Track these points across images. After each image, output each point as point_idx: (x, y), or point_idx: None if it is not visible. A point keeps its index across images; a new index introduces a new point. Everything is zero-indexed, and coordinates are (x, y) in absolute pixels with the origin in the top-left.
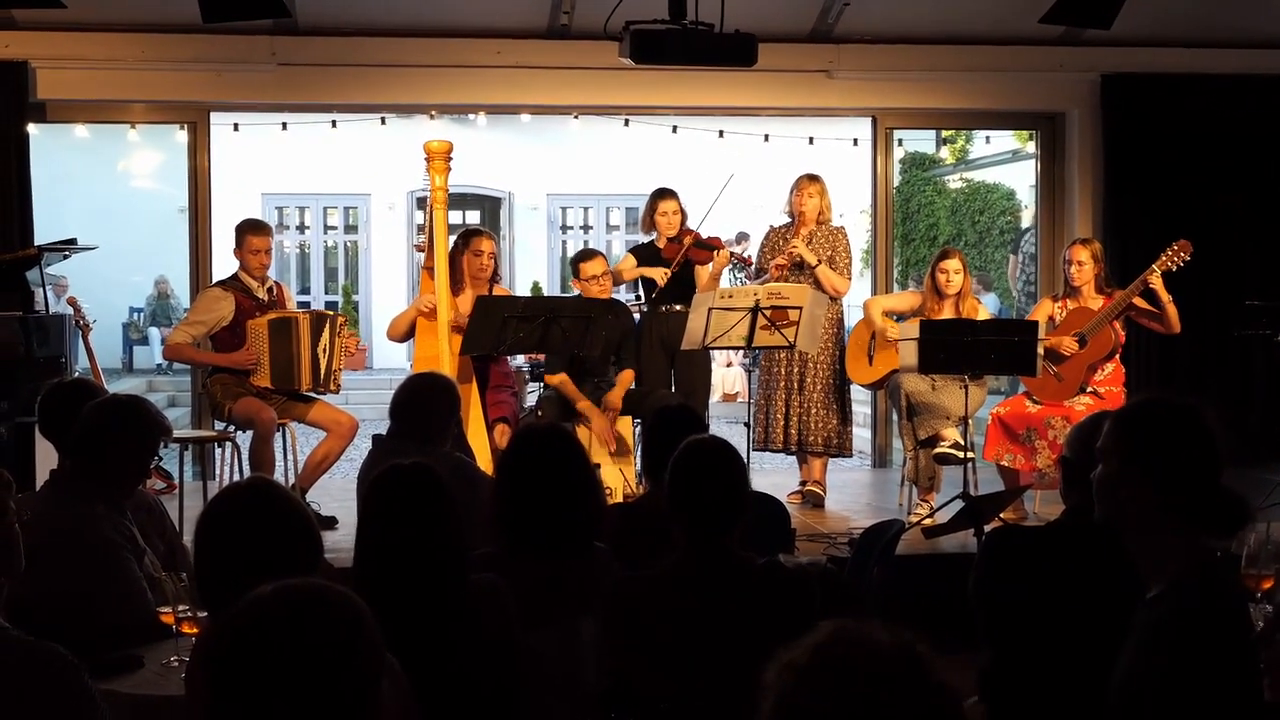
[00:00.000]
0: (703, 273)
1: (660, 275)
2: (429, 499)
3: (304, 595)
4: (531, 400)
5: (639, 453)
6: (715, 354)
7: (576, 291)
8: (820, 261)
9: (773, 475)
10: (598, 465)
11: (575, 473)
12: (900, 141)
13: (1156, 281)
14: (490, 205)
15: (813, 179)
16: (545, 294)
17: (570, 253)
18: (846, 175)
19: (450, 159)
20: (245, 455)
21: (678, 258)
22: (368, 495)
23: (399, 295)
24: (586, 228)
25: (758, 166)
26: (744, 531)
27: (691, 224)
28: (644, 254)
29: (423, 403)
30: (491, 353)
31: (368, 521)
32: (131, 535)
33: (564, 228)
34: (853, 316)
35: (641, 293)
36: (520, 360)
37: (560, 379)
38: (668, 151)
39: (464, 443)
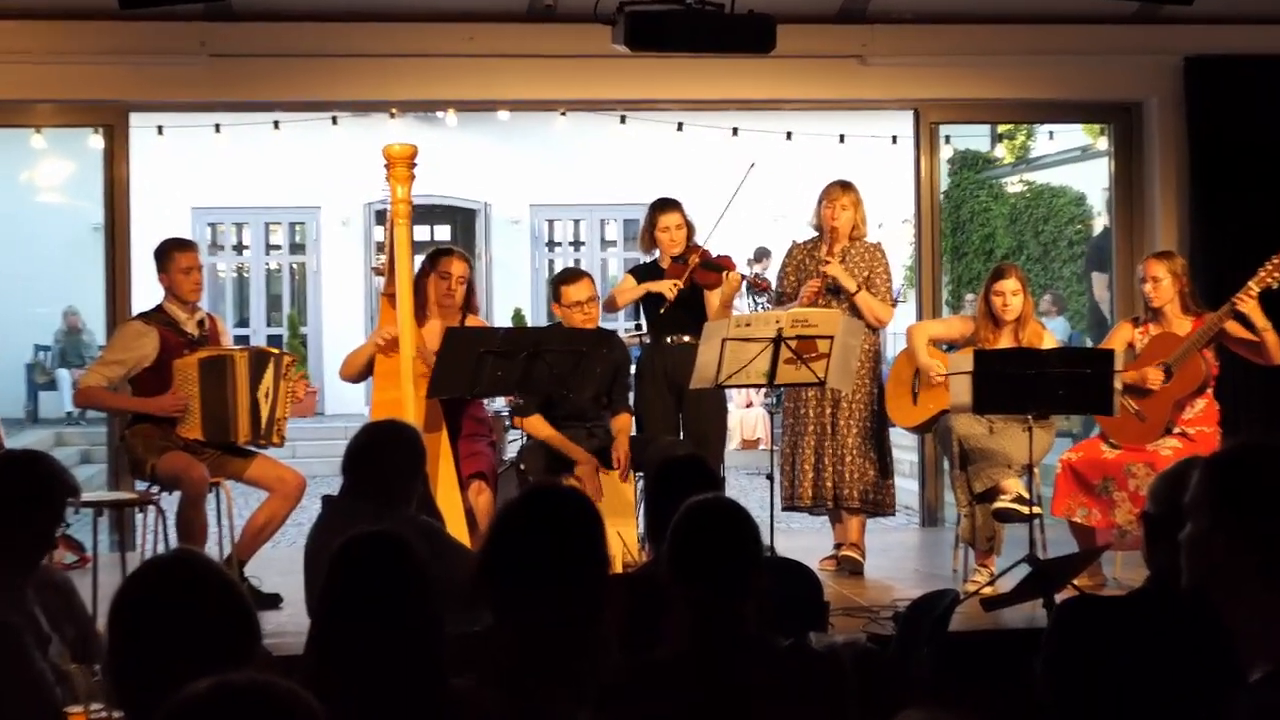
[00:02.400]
0: (712, 298)
1: (669, 288)
2: (400, 577)
3: (246, 694)
4: (513, 451)
5: (641, 512)
6: (732, 393)
7: (557, 319)
8: (860, 287)
9: (801, 537)
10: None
11: (588, 543)
12: (948, 139)
13: (1248, 305)
14: (463, 219)
15: (845, 187)
16: (529, 324)
17: (559, 270)
18: (885, 179)
19: (414, 165)
20: (171, 521)
21: (683, 281)
22: (326, 573)
23: (354, 327)
24: (577, 244)
25: (779, 170)
26: (764, 606)
27: (701, 239)
28: (645, 276)
29: (382, 456)
30: (464, 395)
31: (324, 604)
32: (34, 618)
33: (551, 244)
34: (893, 348)
35: (644, 320)
36: (499, 403)
37: (534, 423)
38: (671, 154)
39: (431, 504)
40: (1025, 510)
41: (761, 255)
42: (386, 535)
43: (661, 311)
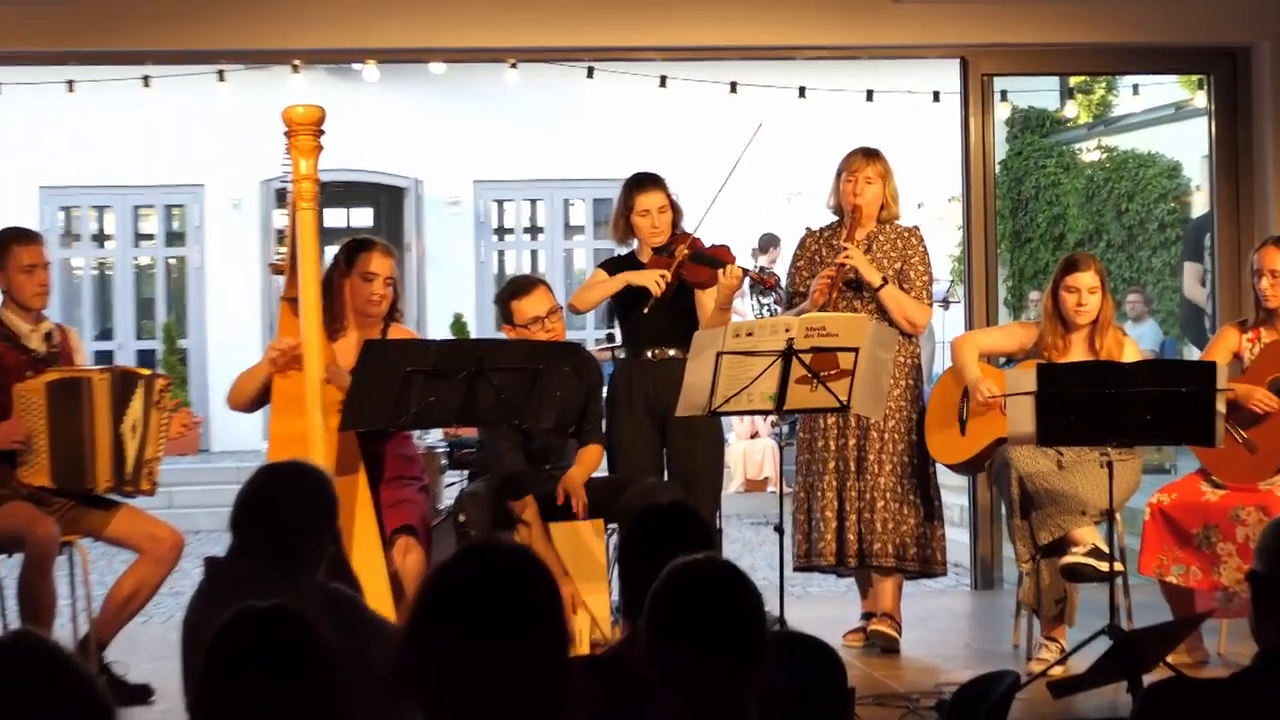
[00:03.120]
0: (705, 300)
1: (654, 281)
2: (299, 663)
3: None
4: (450, 497)
5: (614, 576)
6: (732, 422)
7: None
8: (885, 280)
9: (821, 604)
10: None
11: (542, 617)
12: (1005, 95)
13: None
14: (388, 200)
15: (870, 156)
16: (472, 334)
17: (510, 268)
18: (925, 146)
19: (323, 132)
20: (10, 592)
21: (668, 277)
22: (206, 658)
23: (248, 341)
24: (534, 230)
25: (791, 137)
26: (771, 695)
27: (690, 224)
28: (619, 270)
29: (281, 507)
30: (388, 427)
31: (204, 698)
32: None
33: (500, 231)
34: (941, 362)
35: (617, 329)
36: (433, 437)
37: (529, 509)
38: (653, 117)
39: (344, 567)
40: (1104, 567)
41: (768, 244)
42: (284, 611)
43: (645, 311)
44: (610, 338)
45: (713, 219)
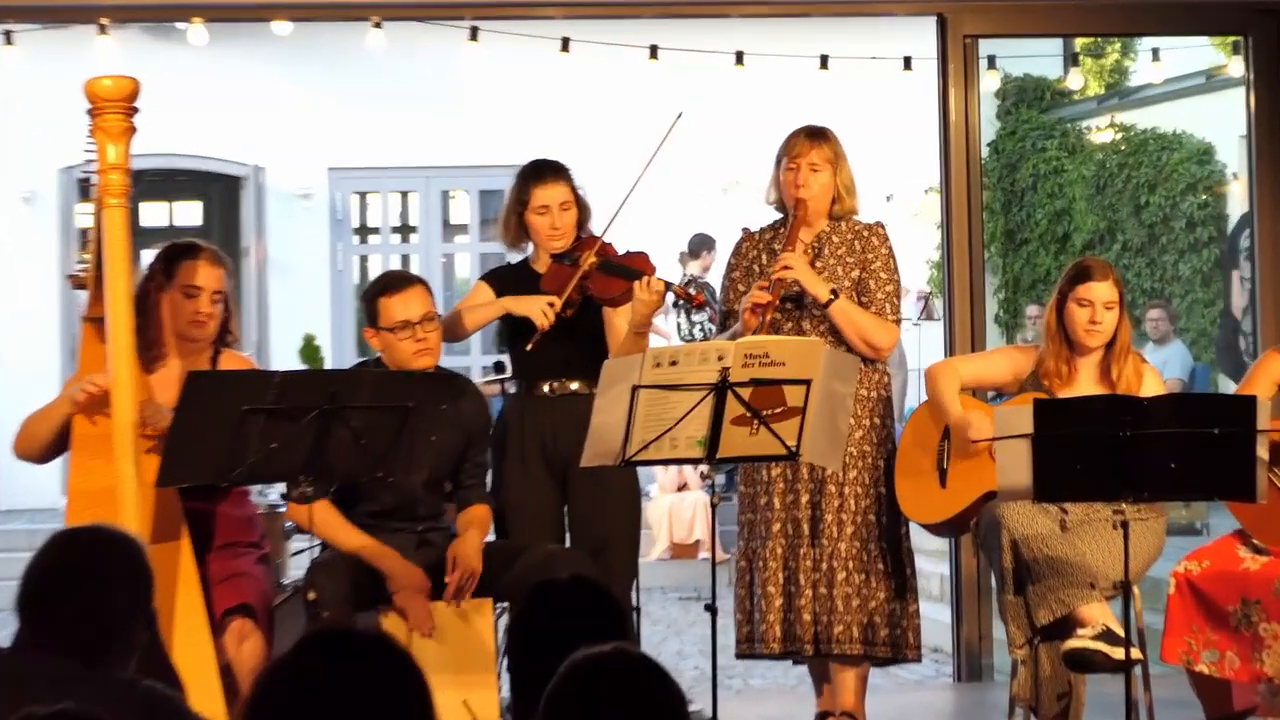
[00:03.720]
0: (617, 320)
1: (541, 313)
2: None
3: None
4: (299, 569)
5: (504, 667)
6: (655, 471)
7: (377, 355)
8: (836, 293)
9: (766, 701)
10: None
11: None
12: (992, 61)
13: None
14: (221, 192)
15: (816, 137)
16: (326, 363)
17: (376, 276)
18: (893, 125)
19: (136, 109)
20: None
21: (569, 291)
22: None
23: (42, 371)
24: (405, 230)
25: (727, 114)
26: None
27: (599, 225)
28: (509, 285)
29: (83, 584)
30: (218, 483)
31: None
32: None
33: (363, 230)
34: (912, 397)
35: (507, 359)
36: (274, 493)
37: (323, 518)
38: (553, 89)
39: (162, 658)
40: (1118, 654)
41: (700, 248)
42: (80, 717)
43: (529, 349)
44: (499, 366)
45: (629, 217)
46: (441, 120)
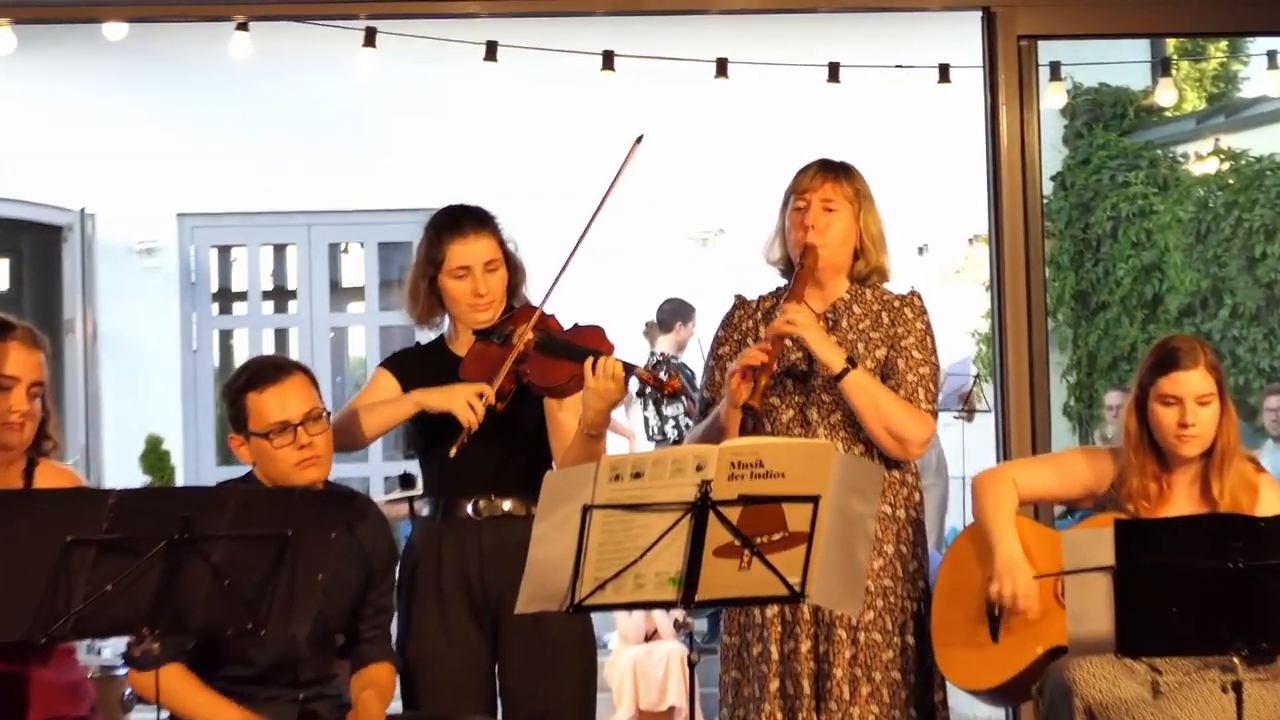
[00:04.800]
0: (563, 416)
1: (466, 408)
2: None
3: None
4: None
5: None
6: (614, 618)
7: (247, 468)
8: (853, 362)
9: None
10: None
11: None
12: (1057, 69)
13: None
14: (36, 246)
15: (834, 172)
16: (179, 477)
17: (242, 357)
18: (926, 153)
19: None
20: None
21: (499, 379)
22: None
23: None
24: (280, 294)
25: (707, 139)
26: None
27: (537, 292)
28: (417, 370)
29: None
30: (35, 638)
31: None
32: None
33: (223, 297)
34: (955, 514)
35: (417, 469)
36: (110, 651)
37: (174, 683)
38: (475, 108)
39: None
40: None
41: (673, 319)
42: None
43: (451, 455)
44: (407, 479)
45: (577, 279)
46: (328, 151)
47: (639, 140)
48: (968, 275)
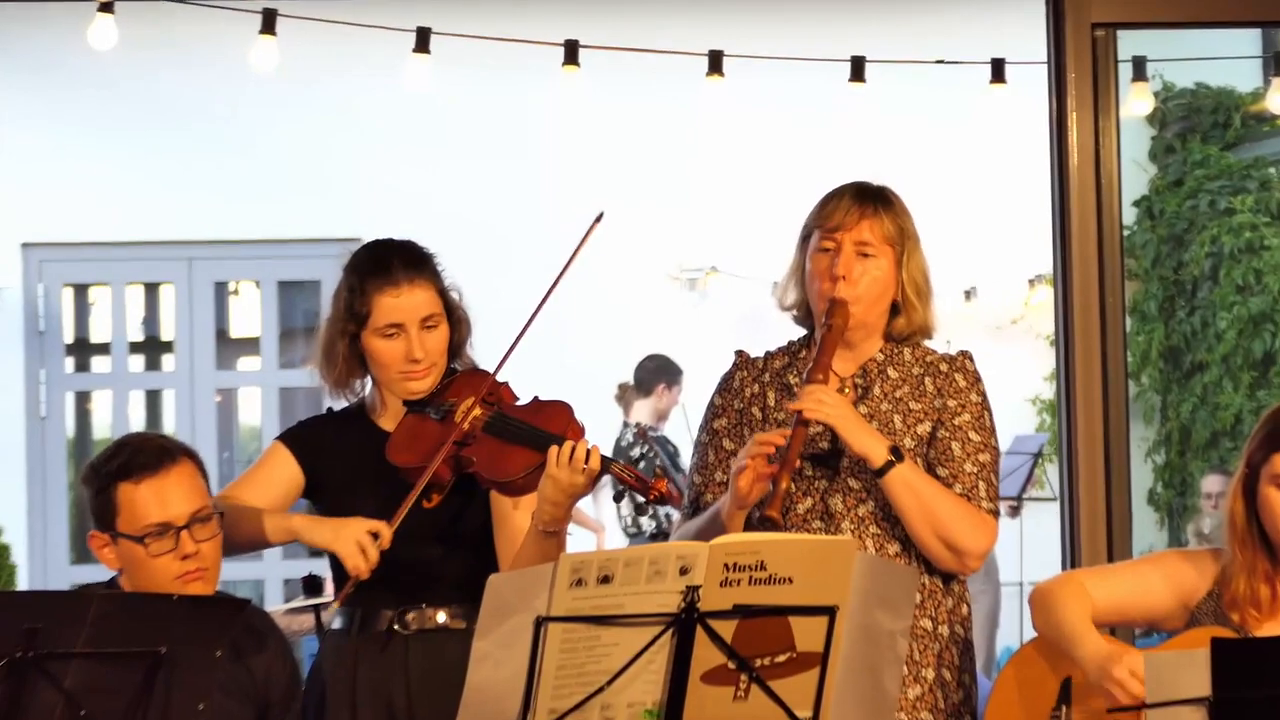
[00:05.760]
0: (515, 515)
1: (357, 553)
2: None
3: None
4: None
5: None
6: None
7: (111, 574)
8: (898, 454)
9: None
10: None
11: None
12: (1141, 66)
13: None
14: None
15: (872, 201)
16: (21, 581)
17: (105, 430)
18: (973, 173)
19: None
20: None
21: (435, 466)
22: None
23: None
24: (153, 346)
25: (695, 155)
26: None
27: (487, 356)
28: (326, 450)
29: None
30: None
31: None
32: None
33: (80, 349)
34: (1009, 631)
35: (326, 569)
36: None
37: None
38: (402, 113)
39: None
40: None
41: (654, 381)
42: None
43: (332, 608)
44: (313, 583)
45: (537, 339)
46: (214, 165)
47: (598, 219)
48: (1027, 327)
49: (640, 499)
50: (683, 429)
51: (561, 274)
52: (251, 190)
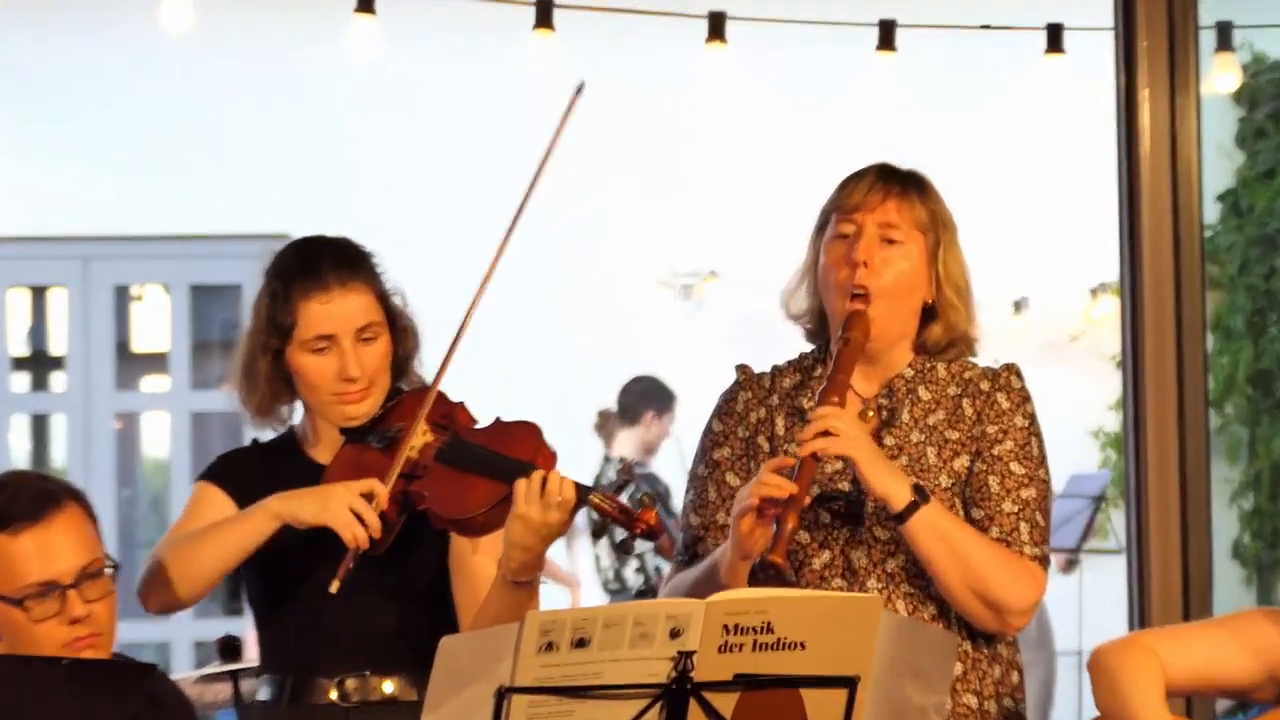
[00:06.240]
0: (475, 557)
1: (348, 524)
2: None
3: None
4: None
5: None
6: None
7: None
8: (924, 494)
9: None
10: None
11: None
12: (1227, 35)
13: None
14: None
15: (899, 183)
16: None
17: None
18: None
19: None
20: None
21: (384, 510)
22: None
23: None
24: (38, 365)
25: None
26: None
27: (435, 371)
28: (253, 486)
29: None
30: None
31: None
32: None
33: None
34: (1066, 709)
35: (248, 629)
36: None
37: None
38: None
39: None
40: None
41: (641, 407)
42: None
43: (334, 588)
44: (230, 646)
45: (499, 346)
46: (114, 149)
47: (579, 91)
48: (1088, 345)
49: (623, 535)
50: (676, 464)
51: (529, 192)
52: (159, 178)
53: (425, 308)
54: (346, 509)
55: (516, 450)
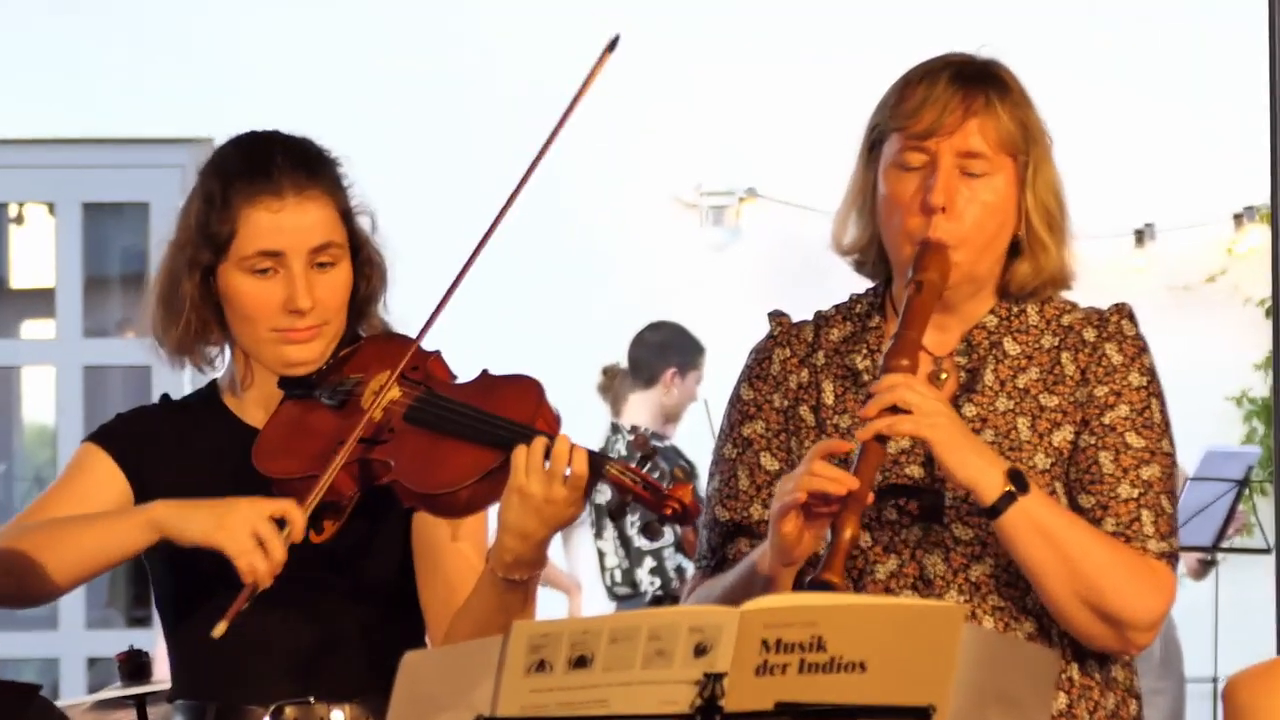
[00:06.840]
0: (456, 545)
1: (252, 554)
2: None
3: None
4: None
5: None
6: None
7: None
8: (1022, 482)
9: None
10: None
11: None
12: None
13: None
14: None
15: (978, 84)
16: None
17: None
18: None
19: None
20: None
21: (329, 475)
22: None
23: None
24: None
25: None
26: None
27: (411, 320)
28: (161, 453)
29: None
30: None
31: None
32: None
33: None
34: None
35: (157, 642)
36: None
37: None
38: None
39: None
40: None
41: (659, 363)
42: None
43: (217, 632)
44: (135, 664)
45: (490, 288)
46: None
47: (612, 46)
48: (1230, 287)
49: (653, 513)
50: (704, 434)
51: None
52: (45, 71)
53: (400, 260)
54: (248, 533)
55: (510, 410)
